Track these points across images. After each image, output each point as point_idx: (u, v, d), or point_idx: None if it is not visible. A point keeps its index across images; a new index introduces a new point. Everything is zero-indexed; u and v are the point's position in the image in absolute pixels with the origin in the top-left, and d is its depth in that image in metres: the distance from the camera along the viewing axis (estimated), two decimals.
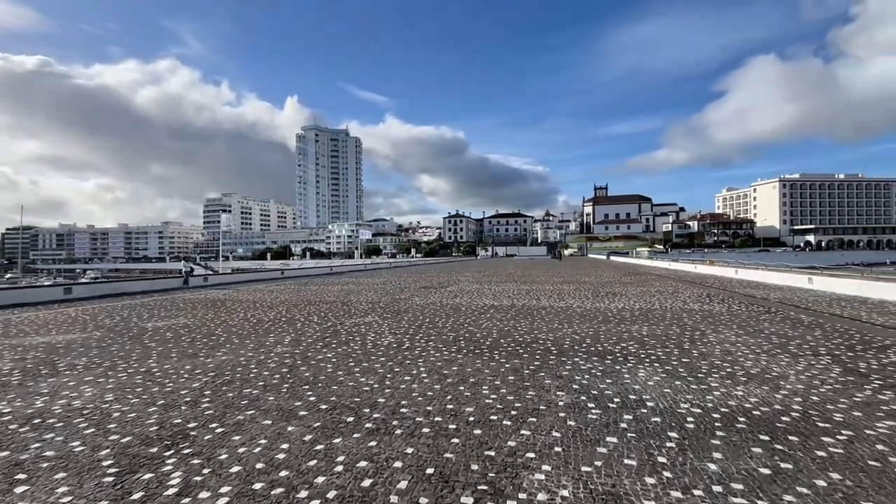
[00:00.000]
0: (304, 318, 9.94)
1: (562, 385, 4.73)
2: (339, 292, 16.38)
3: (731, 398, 4.29)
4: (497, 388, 4.66)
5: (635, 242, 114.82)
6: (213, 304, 12.94)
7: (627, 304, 11.72)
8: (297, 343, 7.10)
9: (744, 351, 6.25)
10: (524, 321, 9.13)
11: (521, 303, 12.40)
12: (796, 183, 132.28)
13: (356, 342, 7.12)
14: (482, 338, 7.38)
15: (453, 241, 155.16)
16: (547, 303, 12.32)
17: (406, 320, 9.39)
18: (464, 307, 11.55)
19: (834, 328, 8.02)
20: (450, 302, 12.80)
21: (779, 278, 17.54)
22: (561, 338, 7.31)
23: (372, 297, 14.61)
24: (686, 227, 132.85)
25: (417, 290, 17.12)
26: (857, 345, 6.64)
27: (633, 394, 4.43)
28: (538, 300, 12.97)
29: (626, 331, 7.93)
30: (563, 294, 14.69)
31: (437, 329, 8.26)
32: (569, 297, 13.57)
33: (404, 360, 5.92)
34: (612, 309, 10.88)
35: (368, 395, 4.47)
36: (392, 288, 18.11)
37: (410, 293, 15.70)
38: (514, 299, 13.27)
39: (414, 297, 14.14)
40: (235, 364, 5.79)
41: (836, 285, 14.06)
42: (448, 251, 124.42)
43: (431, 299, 13.58)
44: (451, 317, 9.83)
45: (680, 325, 8.41)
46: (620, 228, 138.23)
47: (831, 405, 4.09)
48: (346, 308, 11.66)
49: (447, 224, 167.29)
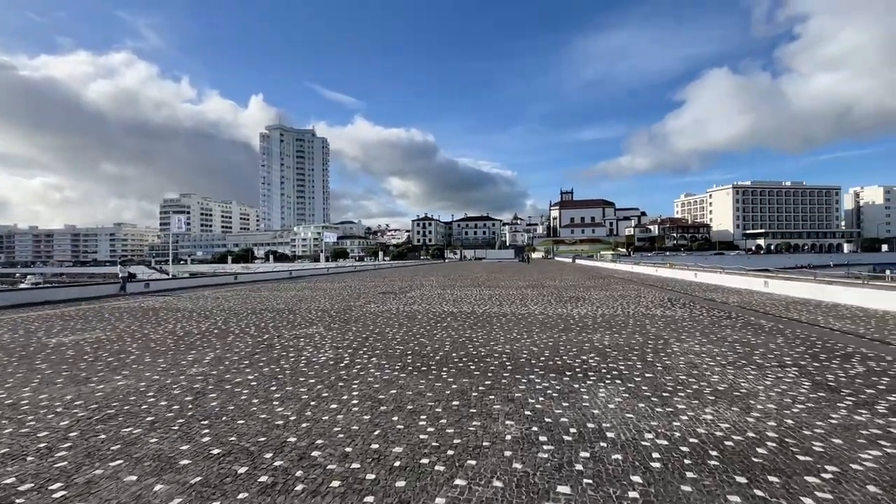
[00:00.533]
0: (240, 329, 8.95)
1: (512, 411, 4.09)
2: (291, 298, 15.30)
3: (700, 423, 3.78)
4: (437, 417, 3.97)
5: (599, 246, 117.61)
6: (144, 314, 11.66)
7: (590, 310, 11.34)
8: (219, 362, 6.18)
9: (709, 363, 5.84)
10: (482, 330, 8.50)
11: (481, 309, 11.81)
12: (748, 189, 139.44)
13: (288, 359, 6.27)
14: (432, 351, 6.68)
15: (422, 244, 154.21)
16: (508, 309, 11.79)
17: (353, 331, 8.57)
18: (420, 315, 10.83)
19: (795, 334, 7.82)
20: (406, 309, 12.05)
21: (736, 281, 17.80)
22: (518, 350, 6.72)
23: (325, 303, 13.65)
24: (647, 230, 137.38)
25: (376, 295, 16.27)
26: (820, 353, 6.38)
27: (591, 420, 3.85)
28: (500, 306, 12.42)
29: (588, 341, 7.44)
30: (527, 299, 14.23)
31: (384, 341, 7.50)
32: (531, 303, 13.10)
33: (337, 381, 5.14)
34: (575, 315, 10.45)
35: (279, 431, 3.68)
36: (350, 293, 17.17)
37: (367, 299, 14.84)
38: (474, 306, 12.67)
39: (370, 304, 13.30)
40: (131, 391, 4.84)
41: (791, 288, 14.26)
42: (416, 254, 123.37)
43: (388, 306, 12.78)
44: (405, 326, 9.09)
45: (643, 334, 8.01)
46: (586, 232, 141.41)
47: (808, 430, 3.64)
48: (291, 317, 10.70)
49: (416, 227, 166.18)
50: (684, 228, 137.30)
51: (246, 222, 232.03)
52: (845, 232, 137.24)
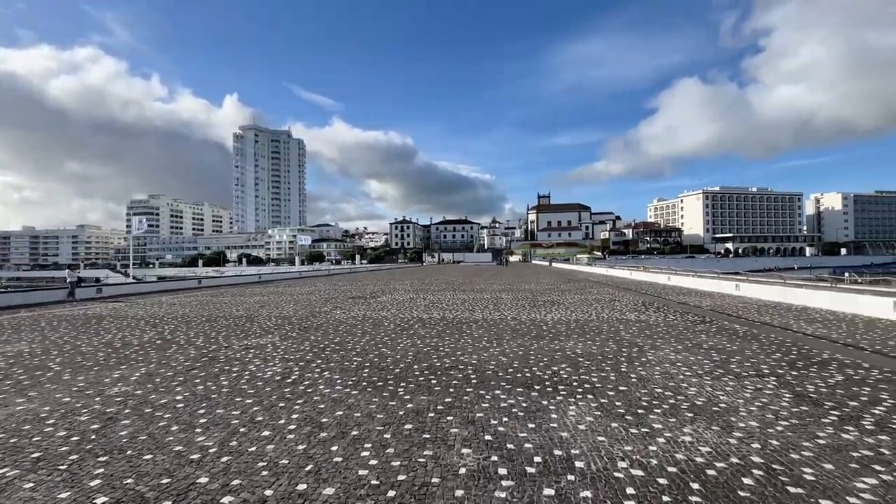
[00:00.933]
0: (186, 339, 8.19)
1: (471, 436, 3.60)
2: (253, 304, 14.47)
3: (679, 447, 3.37)
4: (384, 445, 3.44)
5: (575, 249, 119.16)
6: (85, 323, 10.70)
7: (564, 315, 11.01)
8: (148, 379, 5.48)
9: (685, 373, 5.49)
10: (450, 338, 8.00)
11: (452, 315, 11.32)
12: (717, 195, 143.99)
13: (229, 375, 5.62)
14: (393, 363, 6.14)
15: (400, 248, 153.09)
16: (481, 314, 11.34)
17: (311, 341, 7.94)
18: (387, 321, 10.26)
19: (770, 340, 7.62)
20: (374, 315, 11.45)
21: (708, 285, 17.88)
22: (486, 360, 6.24)
23: (288, 309, 12.91)
24: (622, 234, 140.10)
25: (345, 300, 15.58)
26: (797, 360, 6.14)
27: (559, 446, 3.39)
28: (472, 311, 11.96)
29: (560, 349, 7.03)
30: (500, 304, 13.83)
31: (342, 352, 6.91)
32: (505, 308, 12.70)
33: (278, 401, 4.55)
34: (548, 321, 10.08)
35: (190, 469, 3.08)
36: (318, 298, 16.42)
37: (335, 305, 14.15)
38: (446, 311, 12.18)
39: (336, 310, 12.63)
40: (27, 418, 4.13)
41: (762, 292, 14.32)
42: (394, 257, 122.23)
43: (355, 312, 12.15)
44: (368, 334, 8.51)
45: (617, 341, 7.67)
46: (562, 235, 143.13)
47: (795, 453, 3.27)
48: (248, 325, 9.96)
49: (394, 230, 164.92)
50: (657, 232, 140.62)
51: (219, 224, 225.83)
52: (807, 236, 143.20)
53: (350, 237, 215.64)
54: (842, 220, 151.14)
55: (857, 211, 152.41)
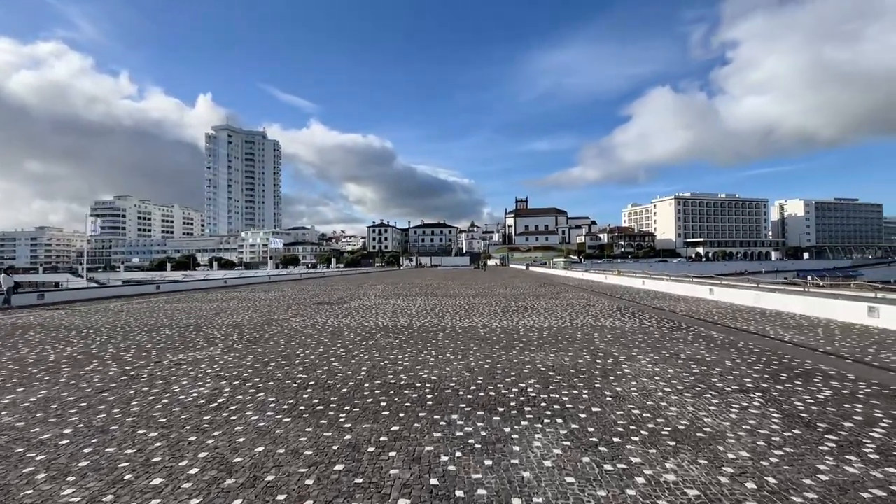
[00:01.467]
0: (113, 353, 7.25)
1: (413, 479, 2.94)
2: (208, 312, 13.44)
3: (662, 490, 2.79)
4: (301, 495, 2.74)
5: (552, 253, 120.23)
6: (11, 333, 9.55)
7: (537, 322, 10.49)
8: (45, 404, 4.61)
9: (664, 389, 4.98)
10: (412, 349, 7.33)
11: (420, 323, 10.65)
12: (688, 200, 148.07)
13: (145, 398, 4.80)
14: (342, 380, 5.43)
15: (378, 251, 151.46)
16: (450, 322, 10.70)
17: (257, 354, 7.13)
18: (348, 330, 9.51)
19: (749, 348, 7.24)
20: (335, 323, 10.67)
21: (682, 289, 17.77)
22: (447, 376, 5.60)
23: (244, 317, 11.98)
24: (598, 238, 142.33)
25: (308, 307, 14.70)
26: (779, 371, 5.73)
27: (519, 492, 2.77)
28: (441, 318, 11.32)
29: (530, 361, 6.45)
30: (472, 309, 13.24)
31: (287, 367, 6.15)
32: (476, 314, 12.11)
33: (189, 434, 3.78)
34: (520, 328, 9.52)
35: None
36: (280, 304, 15.47)
37: (296, 311, 13.27)
38: (414, 318, 11.50)
39: (296, 318, 11.78)
40: None
41: (735, 296, 14.18)
42: (370, 261, 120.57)
43: (315, 320, 11.33)
44: (323, 346, 7.75)
45: (591, 350, 7.15)
46: (539, 240, 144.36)
47: (797, 494, 2.74)
48: (193, 335, 9.04)
49: (371, 233, 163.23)
50: (631, 237, 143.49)
51: (190, 227, 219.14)
52: (772, 241, 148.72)
53: (327, 240, 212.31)
54: (804, 226, 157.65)
55: (819, 217, 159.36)
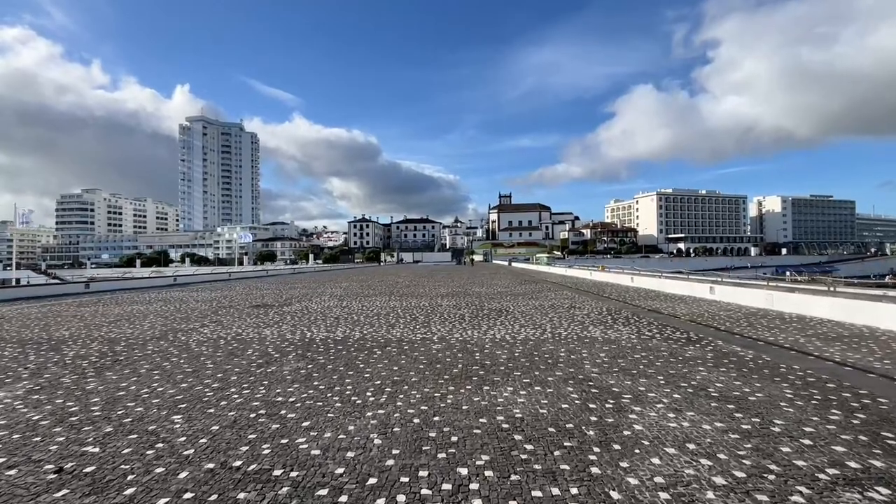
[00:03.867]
0: None
1: None
2: (108, 318, 10.86)
3: None
4: None
5: (536, 249, 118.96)
6: None
7: (510, 331, 8.29)
8: None
9: (709, 473, 2.79)
10: (320, 383, 5.02)
11: (361, 333, 8.34)
12: (670, 196, 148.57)
13: None
14: (126, 470, 3.09)
15: (358, 247, 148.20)
16: (400, 332, 8.42)
17: (89, 390, 4.72)
18: (257, 347, 7.14)
19: (796, 374, 5.16)
20: (250, 335, 8.27)
21: (677, 287, 15.84)
22: (337, 449, 3.31)
23: (140, 328, 9.47)
24: (581, 234, 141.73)
25: (239, 311, 12.24)
26: (876, 423, 3.62)
27: None
28: (391, 327, 9.03)
29: (488, 408, 4.21)
30: (435, 314, 10.99)
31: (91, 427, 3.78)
32: (437, 321, 9.86)
33: None
34: (487, 342, 7.31)
35: None
36: (206, 309, 12.96)
37: (216, 318, 10.81)
38: (358, 327, 9.18)
39: (206, 327, 9.33)
40: None
41: (742, 296, 12.24)
42: (350, 257, 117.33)
43: (229, 330, 8.91)
44: (197, 375, 5.36)
45: (580, 383, 4.96)
46: (523, 235, 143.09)
47: None
48: (32, 357, 6.54)
49: (353, 229, 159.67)
50: (614, 233, 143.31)
51: (164, 222, 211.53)
52: (751, 237, 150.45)
53: (308, 236, 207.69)
54: (781, 222, 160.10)
55: (795, 214, 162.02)
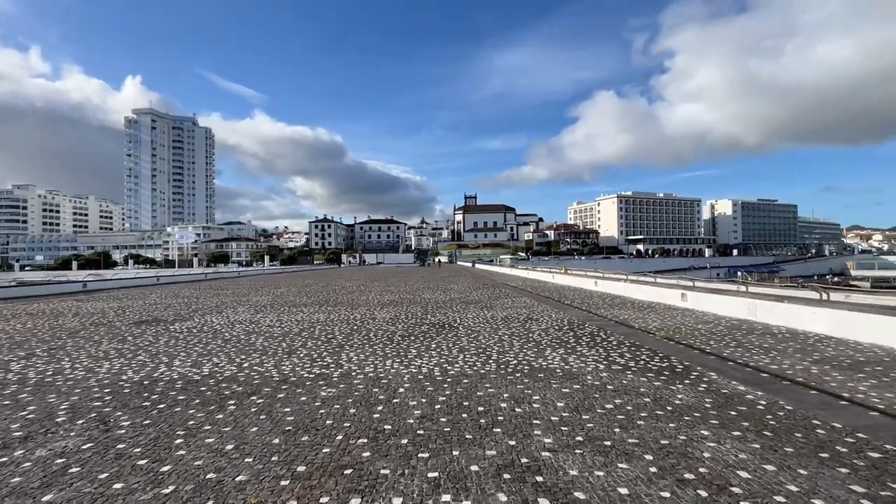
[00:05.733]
0: None
1: None
2: None
3: None
4: None
5: (500, 250, 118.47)
6: None
7: (445, 359, 6.27)
8: None
9: None
10: (85, 480, 2.77)
11: (239, 367, 6.08)
12: (630, 199, 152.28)
13: None
14: None
15: (320, 248, 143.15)
16: (294, 364, 6.21)
17: None
18: (63, 389, 4.76)
19: (845, 441, 3.39)
20: (74, 374, 5.83)
21: (644, 293, 14.36)
22: None
23: None
24: (545, 235, 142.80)
25: (117, 329, 9.61)
26: None
27: None
28: (289, 355, 6.81)
29: None
30: (360, 331, 8.84)
31: None
32: (356, 345, 7.72)
33: None
34: (405, 380, 5.24)
35: None
36: (72, 326, 10.23)
37: (73, 339, 8.19)
38: (244, 355, 6.90)
39: (32, 358, 6.76)
40: None
41: (718, 305, 10.77)
42: (308, 258, 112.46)
43: (58, 365, 6.41)
44: None
45: (518, 477, 2.94)
46: (488, 236, 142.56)
47: None
48: None
49: (314, 229, 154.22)
50: (577, 234, 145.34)
51: (108, 221, 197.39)
52: (705, 238, 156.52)
53: (267, 236, 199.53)
54: (732, 225, 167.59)
55: (744, 216, 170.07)
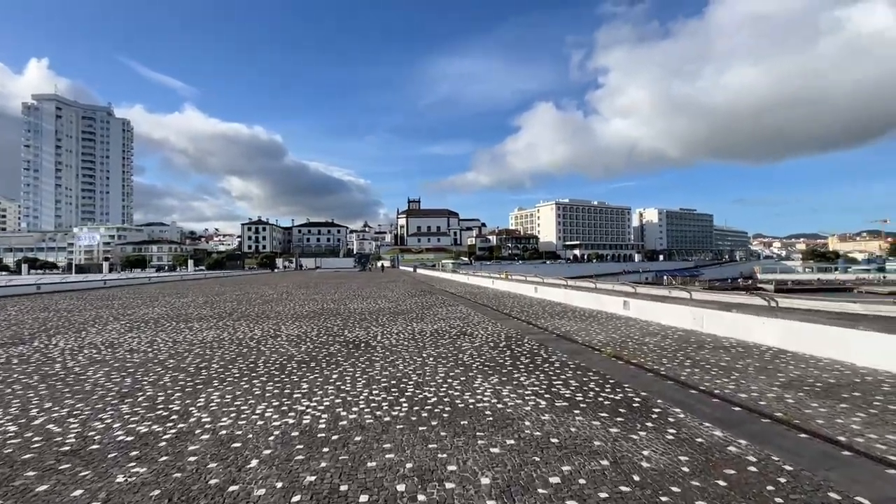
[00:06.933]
0: None
1: None
2: None
3: None
4: None
5: (443, 255, 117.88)
6: None
7: (348, 394, 4.66)
8: None
9: None
10: None
11: (28, 430, 4.08)
12: (567, 206, 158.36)
13: None
14: None
15: (254, 251, 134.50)
16: (112, 419, 4.32)
17: None
18: None
19: None
20: None
21: (585, 300, 13.58)
22: None
23: None
24: (487, 240, 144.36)
25: None
26: None
27: None
28: (126, 401, 4.87)
29: None
30: (247, 357, 6.98)
31: None
32: (236, 378, 5.89)
33: None
34: (271, 441, 3.58)
35: None
36: None
37: None
38: (70, 401, 4.85)
39: None
40: None
41: (662, 314, 10.04)
42: (237, 262, 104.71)
43: None
44: None
45: None
46: (431, 241, 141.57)
47: None
48: None
49: (247, 232, 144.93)
50: (518, 239, 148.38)
51: (2, 221, 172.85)
52: (634, 244, 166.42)
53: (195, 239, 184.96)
54: (658, 232, 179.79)
55: (669, 224, 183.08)
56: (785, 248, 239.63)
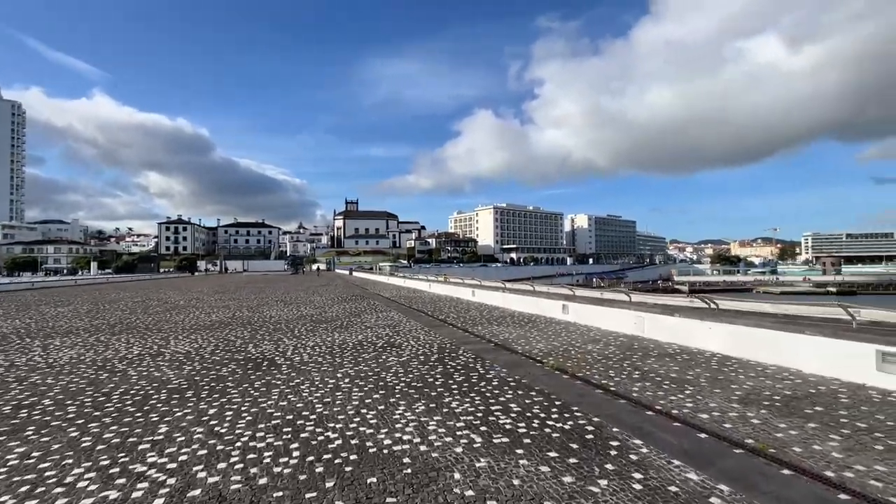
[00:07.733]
0: None
1: None
2: None
3: None
4: None
5: (382, 257, 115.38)
6: None
7: (221, 441, 3.35)
8: None
9: None
10: None
11: None
12: (505, 210, 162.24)
13: None
14: None
15: (173, 253, 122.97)
16: None
17: None
18: None
19: None
20: None
21: (523, 304, 12.99)
22: None
23: None
24: (427, 243, 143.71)
25: None
26: None
27: None
28: None
29: None
30: (101, 387, 5.35)
31: None
32: (60, 427, 4.31)
33: None
34: None
35: None
36: None
37: None
38: None
39: None
40: None
41: (602, 318, 9.59)
42: (151, 265, 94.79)
43: None
44: None
45: None
46: (370, 243, 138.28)
47: None
48: None
49: (165, 231, 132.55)
50: (457, 242, 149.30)
51: None
52: (566, 248, 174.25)
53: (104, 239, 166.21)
54: (588, 236, 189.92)
55: (597, 229, 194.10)
56: (696, 253, 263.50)
